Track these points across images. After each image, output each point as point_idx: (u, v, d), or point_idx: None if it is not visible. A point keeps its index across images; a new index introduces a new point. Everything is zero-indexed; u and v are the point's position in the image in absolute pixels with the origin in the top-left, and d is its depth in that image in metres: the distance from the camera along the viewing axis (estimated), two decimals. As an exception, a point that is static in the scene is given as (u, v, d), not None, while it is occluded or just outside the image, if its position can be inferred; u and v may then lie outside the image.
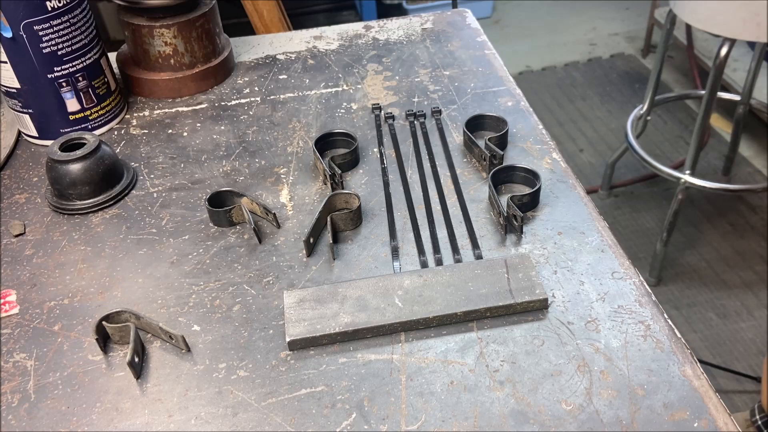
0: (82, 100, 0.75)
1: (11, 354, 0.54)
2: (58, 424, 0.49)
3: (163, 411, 0.49)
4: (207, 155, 0.74)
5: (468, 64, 0.87)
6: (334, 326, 0.52)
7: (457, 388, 0.49)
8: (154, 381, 0.51)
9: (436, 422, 0.47)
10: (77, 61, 0.73)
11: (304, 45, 0.94)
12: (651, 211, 2.08)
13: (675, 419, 0.46)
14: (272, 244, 0.62)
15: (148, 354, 0.53)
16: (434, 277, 0.56)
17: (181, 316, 0.56)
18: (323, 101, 0.82)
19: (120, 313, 0.54)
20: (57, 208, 0.67)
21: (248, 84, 0.86)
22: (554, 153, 0.71)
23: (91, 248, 0.63)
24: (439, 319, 0.53)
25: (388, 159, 0.71)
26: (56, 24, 0.69)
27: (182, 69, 0.82)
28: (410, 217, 0.64)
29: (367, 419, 0.48)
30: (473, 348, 0.52)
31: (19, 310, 0.57)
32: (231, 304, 0.57)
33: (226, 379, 0.51)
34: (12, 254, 0.63)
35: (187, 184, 0.70)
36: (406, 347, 0.52)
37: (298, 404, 0.49)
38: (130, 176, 0.70)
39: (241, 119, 0.79)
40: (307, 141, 0.75)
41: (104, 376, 0.52)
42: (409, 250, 0.61)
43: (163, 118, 0.80)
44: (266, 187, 0.69)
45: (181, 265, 0.61)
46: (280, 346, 0.53)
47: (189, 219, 0.65)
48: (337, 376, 0.51)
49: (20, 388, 0.51)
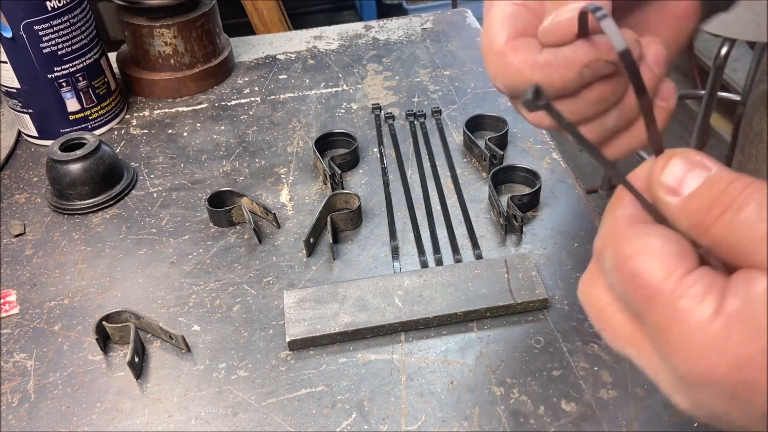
0: (82, 100, 0.75)
1: (11, 354, 0.54)
2: (58, 424, 0.49)
3: (163, 411, 0.49)
4: (207, 155, 0.74)
5: (468, 64, 0.87)
6: (334, 326, 0.52)
7: (457, 388, 0.49)
8: (154, 381, 0.51)
9: (436, 422, 0.47)
10: (77, 61, 0.73)
11: (304, 45, 0.94)
12: (651, 211, 2.08)
13: (675, 419, 0.46)
14: (272, 244, 0.62)
15: (148, 354, 0.53)
16: (434, 277, 0.56)
17: (181, 316, 0.56)
18: (323, 101, 0.82)
19: (120, 313, 0.54)
20: (57, 208, 0.67)
21: (248, 84, 0.86)
22: (554, 153, 0.71)
23: (91, 248, 0.63)
24: (439, 319, 0.53)
25: (388, 159, 0.71)
26: (56, 24, 0.69)
27: (182, 69, 0.82)
28: (410, 217, 0.64)
29: (367, 419, 0.48)
30: (473, 348, 0.52)
31: (19, 310, 0.57)
32: (231, 304, 0.57)
33: (226, 379, 0.51)
34: (12, 254, 0.63)
35: (187, 184, 0.70)
36: (406, 347, 0.52)
37: (298, 404, 0.49)
38: (130, 176, 0.70)
39: (241, 119, 0.79)
40: (307, 141, 0.75)
41: (104, 376, 0.52)
42: (409, 250, 0.61)
43: (163, 118, 0.80)
44: (266, 187, 0.69)
45: (181, 265, 0.61)
46: (280, 346, 0.53)
47: (189, 219, 0.65)
48: (337, 376, 0.51)
49: (20, 388, 0.51)
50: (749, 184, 0.25)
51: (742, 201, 0.24)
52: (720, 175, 0.26)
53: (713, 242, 0.25)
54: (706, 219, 0.25)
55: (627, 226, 0.27)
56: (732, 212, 0.25)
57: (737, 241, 0.24)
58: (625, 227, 0.27)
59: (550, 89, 0.35)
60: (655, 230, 0.27)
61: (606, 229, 0.29)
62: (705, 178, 0.26)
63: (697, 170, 0.26)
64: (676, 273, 0.25)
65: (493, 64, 0.36)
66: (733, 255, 0.25)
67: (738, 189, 0.25)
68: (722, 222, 0.25)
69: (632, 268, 0.26)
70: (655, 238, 0.26)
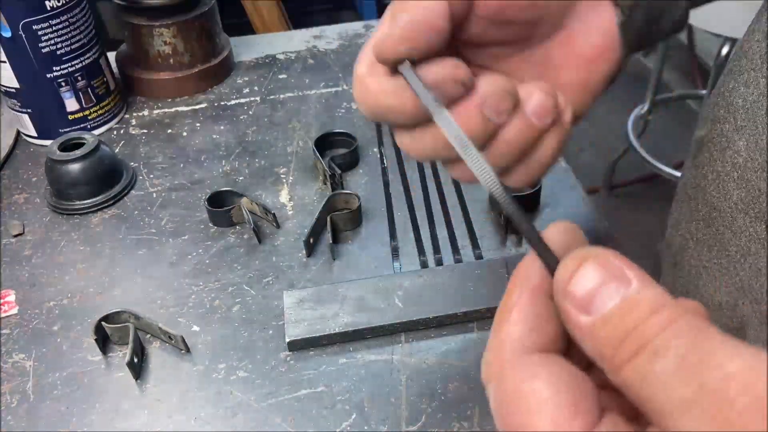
0: (81, 100, 0.75)
1: (10, 354, 0.53)
2: (57, 425, 0.48)
3: (163, 412, 0.49)
4: (206, 155, 0.74)
5: (468, 64, 0.87)
6: (334, 327, 0.52)
7: (457, 389, 0.49)
8: (154, 382, 0.51)
9: (436, 423, 0.47)
10: (76, 61, 0.73)
11: (304, 45, 0.94)
12: (652, 211, 2.08)
13: None
14: (272, 245, 0.62)
15: (147, 354, 0.53)
16: (434, 277, 0.56)
17: (180, 317, 0.56)
18: (323, 101, 0.82)
19: (119, 313, 0.54)
20: (56, 208, 0.67)
21: (248, 84, 0.86)
22: (555, 153, 0.70)
23: (91, 248, 0.63)
24: (439, 319, 0.53)
25: (388, 159, 0.71)
26: (55, 23, 0.69)
27: (182, 68, 0.82)
28: (410, 217, 0.64)
29: (367, 420, 0.47)
30: (474, 348, 0.52)
31: (18, 311, 0.57)
32: (231, 305, 0.57)
33: (225, 379, 0.51)
34: (11, 254, 0.62)
35: (186, 184, 0.70)
36: (406, 348, 0.52)
37: (297, 405, 0.49)
38: (129, 176, 0.70)
39: (240, 119, 0.79)
40: (307, 141, 0.75)
41: (103, 376, 0.52)
42: (409, 250, 0.60)
43: (163, 117, 0.80)
44: (266, 187, 0.69)
45: (180, 265, 0.60)
46: (280, 347, 0.53)
47: (188, 219, 0.65)
48: (337, 377, 0.50)
49: (19, 389, 0.51)
50: (673, 321, 0.20)
51: (660, 345, 0.19)
52: (639, 299, 0.20)
53: (623, 385, 0.20)
54: (618, 356, 0.20)
55: (512, 359, 0.23)
56: (647, 357, 0.19)
57: (650, 396, 0.19)
58: (510, 360, 0.23)
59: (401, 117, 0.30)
60: (546, 369, 0.22)
61: (489, 354, 0.24)
62: (621, 298, 0.21)
63: (614, 283, 0.21)
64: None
65: (354, 88, 0.31)
66: (645, 408, 0.20)
67: (658, 325, 0.20)
68: (635, 367, 0.20)
69: (513, 421, 0.22)
70: (544, 383, 0.21)
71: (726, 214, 0.48)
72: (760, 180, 0.44)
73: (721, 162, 0.48)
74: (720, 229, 0.49)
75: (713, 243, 0.50)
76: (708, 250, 0.50)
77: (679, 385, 0.19)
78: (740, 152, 0.46)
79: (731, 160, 0.47)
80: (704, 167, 0.50)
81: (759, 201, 0.45)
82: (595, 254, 0.22)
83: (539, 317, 0.23)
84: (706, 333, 0.19)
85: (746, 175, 0.45)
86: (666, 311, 0.20)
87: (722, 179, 0.48)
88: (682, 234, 0.55)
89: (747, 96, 0.45)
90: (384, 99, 0.30)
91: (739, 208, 0.46)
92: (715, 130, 0.49)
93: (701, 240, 0.51)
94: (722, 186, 0.48)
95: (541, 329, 0.23)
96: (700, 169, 0.51)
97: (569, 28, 0.32)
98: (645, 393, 0.20)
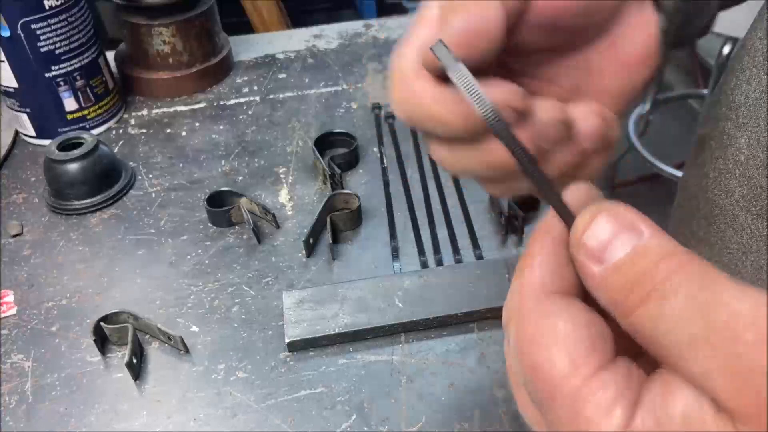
0: (79, 100, 0.74)
1: (9, 355, 0.53)
2: (56, 426, 0.48)
3: (162, 412, 0.49)
4: (206, 155, 0.73)
5: (468, 63, 0.86)
6: (334, 327, 0.52)
7: (457, 390, 0.49)
8: (153, 382, 0.51)
9: (436, 424, 0.47)
10: (75, 60, 0.72)
11: (304, 44, 0.93)
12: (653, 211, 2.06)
13: None
14: (271, 245, 0.62)
15: (146, 355, 0.53)
16: (435, 278, 0.55)
17: (179, 317, 0.56)
18: (323, 101, 0.81)
19: (118, 313, 0.54)
20: (55, 208, 0.66)
21: (247, 83, 0.85)
22: (555, 152, 0.70)
23: (89, 248, 0.62)
24: (439, 319, 0.53)
25: (388, 159, 0.71)
26: (54, 23, 0.69)
27: (181, 68, 0.82)
28: (410, 217, 0.64)
29: (367, 421, 0.47)
30: (474, 349, 0.51)
31: (17, 311, 0.57)
32: (230, 305, 0.56)
33: (225, 380, 0.51)
34: (10, 254, 0.62)
35: (185, 184, 0.70)
36: (406, 348, 0.52)
37: (297, 405, 0.49)
38: (128, 176, 0.69)
39: (240, 119, 0.79)
40: (307, 141, 0.75)
41: (102, 377, 0.51)
42: (410, 251, 0.60)
43: (162, 117, 0.80)
44: (265, 187, 0.68)
45: (179, 265, 0.60)
46: (280, 347, 0.53)
47: (188, 219, 0.65)
48: (336, 378, 0.50)
49: (18, 389, 0.51)
50: (681, 266, 0.20)
51: (669, 288, 0.20)
52: (650, 246, 0.21)
53: (634, 330, 0.21)
54: (628, 301, 0.21)
55: (533, 298, 0.24)
56: (656, 300, 0.20)
57: (659, 337, 0.20)
58: (531, 300, 0.24)
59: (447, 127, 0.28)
60: (564, 309, 0.23)
61: (511, 297, 0.25)
62: (632, 247, 0.21)
63: (626, 234, 0.22)
64: (582, 370, 0.21)
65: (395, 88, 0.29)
66: (655, 350, 0.21)
67: (667, 270, 0.20)
68: (645, 311, 0.20)
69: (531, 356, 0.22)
70: (563, 321, 0.22)
71: (727, 212, 0.48)
72: (761, 177, 0.44)
73: (722, 159, 0.48)
74: (721, 227, 0.48)
75: (715, 241, 0.49)
76: (709, 248, 0.50)
77: (687, 324, 0.19)
78: (742, 149, 0.46)
79: (733, 157, 0.46)
80: (706, 165, 0.50)
81: (760, 198, 0.44)
82: (608, 207, 0.23)
83: (559, 264, 0.24)
84: (713, 276, 0.20)
85: (748, 172, 0.45)
86: (675, 258, 0.21)
87: (724, 177, 0.48)
88: (683, 232, 0.55)
89: (749, 93, 0.45)
90: (432, 107, 0.27)
91: (740, 206, 0.46)
92: (716, 127, 0.49)
93: (703, 238, 0.51)
94: (724, 183, 0.48)
95: (561, 274, 0.24)
96: (701, 166, 0.51)
97: (613, 34, 0.31)
98: (655, 335, 0.20)
